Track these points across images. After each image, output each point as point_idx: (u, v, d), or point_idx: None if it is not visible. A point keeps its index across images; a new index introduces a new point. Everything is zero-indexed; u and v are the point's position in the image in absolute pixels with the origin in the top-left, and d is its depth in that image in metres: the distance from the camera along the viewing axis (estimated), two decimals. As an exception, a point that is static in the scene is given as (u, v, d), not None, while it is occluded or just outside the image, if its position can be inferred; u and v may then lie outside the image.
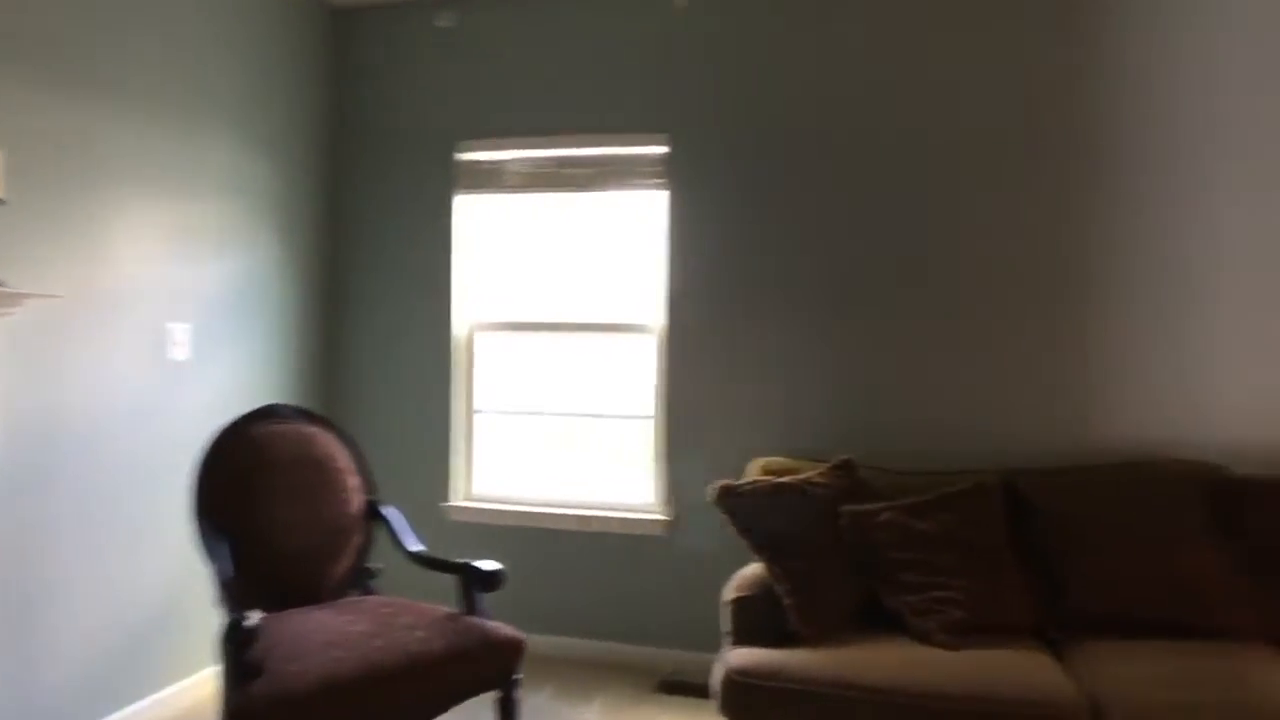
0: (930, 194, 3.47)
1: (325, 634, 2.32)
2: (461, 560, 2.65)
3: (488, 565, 2.64)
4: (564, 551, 3.76)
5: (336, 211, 4.06)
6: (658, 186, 3.71)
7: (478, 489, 3.95)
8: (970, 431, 3.39)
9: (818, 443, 3.39)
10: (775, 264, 3.59)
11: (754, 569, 2.79)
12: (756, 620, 2.59)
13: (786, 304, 3.59)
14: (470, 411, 3.98)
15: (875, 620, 2.70)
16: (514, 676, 2.47)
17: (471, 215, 3.95)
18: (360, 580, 2.83)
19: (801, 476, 2.97)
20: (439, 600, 2.65)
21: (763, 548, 2.74)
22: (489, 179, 3.88)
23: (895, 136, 3.49)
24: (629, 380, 3.85)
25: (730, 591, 2.69)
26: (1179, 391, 3.27)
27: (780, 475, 3.02)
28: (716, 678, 2.46)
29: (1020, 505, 2.99)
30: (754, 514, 2.79)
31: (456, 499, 3.91)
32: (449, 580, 2.66)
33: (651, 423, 3.79)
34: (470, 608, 2.59)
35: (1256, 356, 3.21)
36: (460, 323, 3.95)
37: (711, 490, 2.81)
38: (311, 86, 3.94)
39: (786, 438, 3.48)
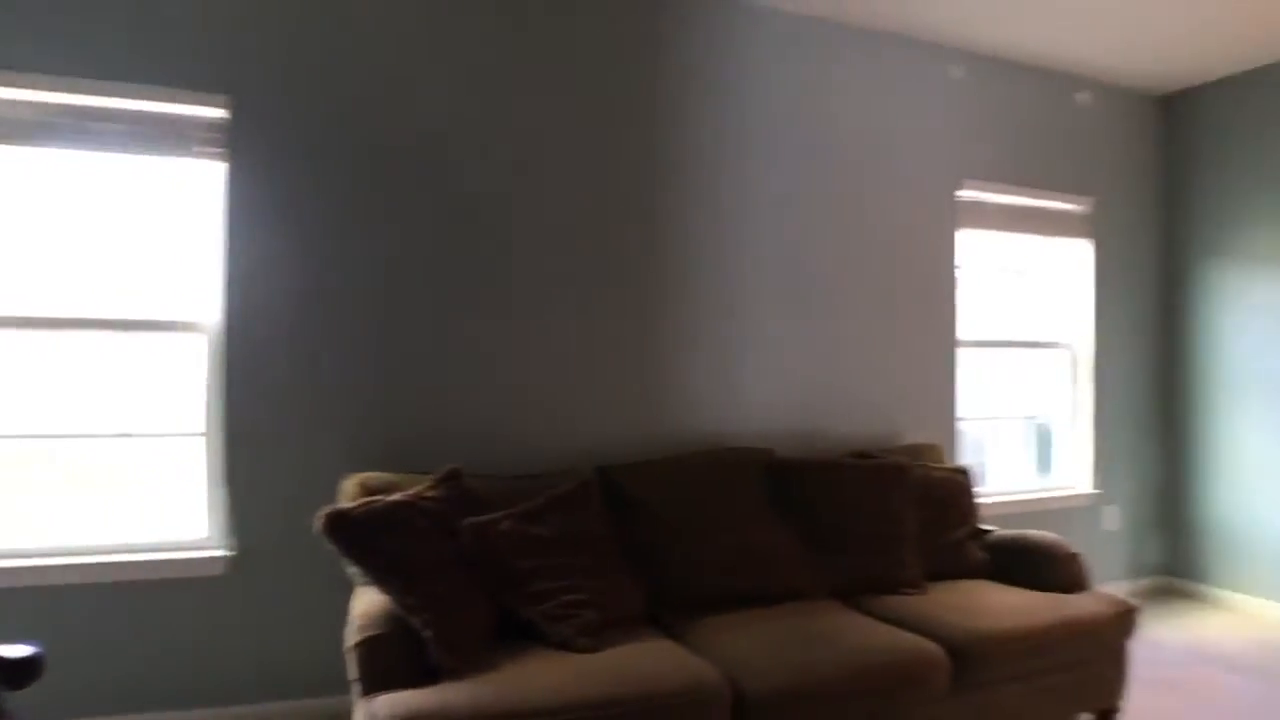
0: (513, 194, 3.46)
1: None
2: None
3: (16, 650, 1.95)
4: (91, 611, 2.92)
5: None
6: (214, 157, 3.10)
7: (-52, 543, 2.92)
8: (562, 430, 3.47)
9: (413, 454, 3.15)
10: (356, 256, 3.26)
11: (372, 601, 2.47)
12: (391, 661, 2.28)
13: (367, 302, 3.28)
14: (-70, 438, 2.92)
15: (507, 634, 2.57)
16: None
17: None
18: None
19: (411, 492, 2.72)
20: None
21: (387, 577, 2.44)
22: (-34, 124, 2.87)
23: (481, 130, 3.41)
24: (169, 390, 3.17)
25: (354, 633, 2.34)
26: (727, 387, 3.78)
27: (385, 493, 2.74)
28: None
29: (616, 499, 3.14)
30: (370, 540, 2.47)
31: (-87, 559, 2.83)
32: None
33: (203, 441, 3.16)
34: (-8, 714, 1.90)
35: (782, 359, 3.87)
36: (-87, 317, 2.88)
37: (318, 519, 2.42)
38: None
39: (377, 451, 3.17)
